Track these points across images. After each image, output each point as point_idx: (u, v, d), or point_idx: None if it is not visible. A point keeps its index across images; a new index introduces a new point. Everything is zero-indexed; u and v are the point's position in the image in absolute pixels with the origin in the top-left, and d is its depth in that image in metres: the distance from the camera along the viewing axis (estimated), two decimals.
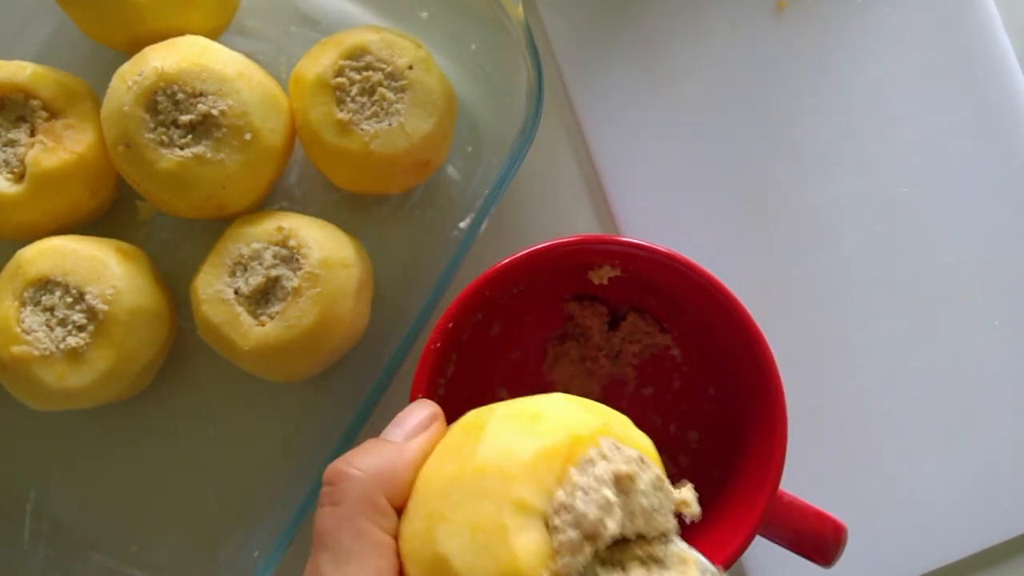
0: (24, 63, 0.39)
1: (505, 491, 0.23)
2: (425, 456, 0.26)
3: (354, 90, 0.38)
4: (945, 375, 0.45)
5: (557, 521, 0.23)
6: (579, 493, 0.23)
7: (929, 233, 0.45)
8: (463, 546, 0.22)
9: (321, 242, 0.38)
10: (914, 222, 0.45)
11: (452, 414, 0.41)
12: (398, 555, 0.24)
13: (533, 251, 0.36)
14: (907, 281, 0.45)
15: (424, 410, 0.28)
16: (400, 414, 0.27)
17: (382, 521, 0.24)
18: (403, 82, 0.38)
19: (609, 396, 0.43)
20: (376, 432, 0.40)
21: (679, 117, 0.46)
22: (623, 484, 0.24)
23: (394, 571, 0.24)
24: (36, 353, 0.36)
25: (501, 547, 0.22)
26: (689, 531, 0.39)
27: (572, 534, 0.23)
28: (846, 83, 0.46)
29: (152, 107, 0.36)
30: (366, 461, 0.25)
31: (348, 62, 0.38)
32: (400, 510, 0.25)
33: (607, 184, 0.45)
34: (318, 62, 0.38)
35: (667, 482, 0.26)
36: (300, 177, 0.44)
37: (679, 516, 0.27)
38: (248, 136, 0.37)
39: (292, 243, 0.37)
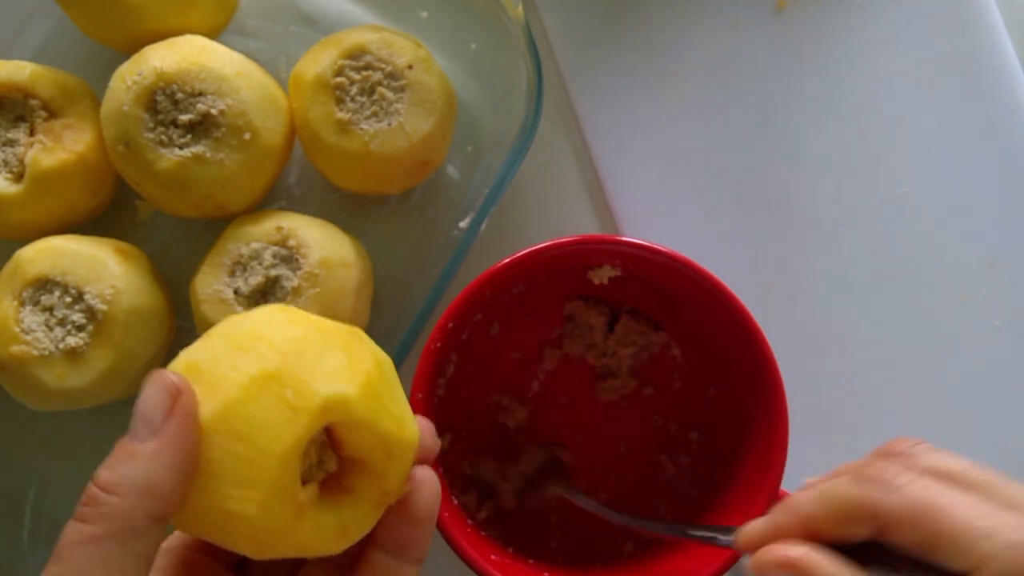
0: (23, 63, 0.39)
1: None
2: (182, 446, 0.24)
3: (354, 90, 0.38)
4: (945, 374, 0.45)
5: None
6: None
7: (929, 233, 0.45)
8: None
9: (320, 242, 0.37)
10: (914, 222, 0.45)
11: (452, 414, 0.41)
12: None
13: (533, 251, 0.36)
14: (907, 280, 0.45)
15: (159, 392, 0.24)
16: (138, 403, 0.24)
17: (136, 544, 0.23)
18: (403, 82, 0.38)
19: None
20: None
21: (679, 117, 0.46)
22: None
23: None
24: (35, 353, 0.36)
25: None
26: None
27: None
28: (846, 83, 0.46)
29: (151, 106, 0.36)
30: (121, 480, 0.23)
31: (348, 62, 0.38)
32: (169, 516, 0.24)
33: (607, 184, 0.45)
34: (318, 62, 0.38)
35: None
36: (299, 177, 0.44)
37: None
38: (247, 136, 0.37)
39: (291, 243, 0.37)
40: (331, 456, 0.27)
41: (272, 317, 0.26)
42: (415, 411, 0.35)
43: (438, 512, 0.28)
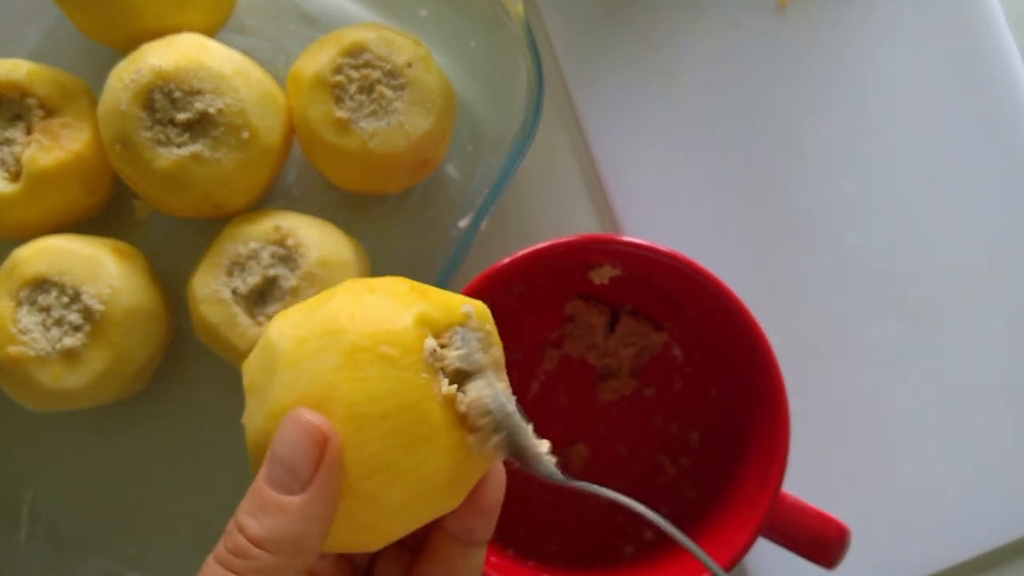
0: (20, 61, 0.39)
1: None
2: (329, 500, 0.23)
3: (353, 88, 0.38)
4: (948, 375, 0.45)
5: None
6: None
7: (932, 232, 0.45)
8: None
9: (319, 241, 0.37)
10: (916, 221, 0.45)
11: None
12: None
13: (533, 251, 0.36)
14: (909, 281, 0.45)
15: (304, 440, 0.22)
16: (279, 447, 0.23)
17: None
18: (402, 80, 0.38)
19: None
20: None
21: (680, 116, 0.45)
22: None
23: None
24: (32, 353, 0.36)
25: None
26: (692, 533, 0.39)
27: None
28: (848, 82, 0.45)
29: (149, 105, 0.36)
30: (273, 536, 0.22)
31: (347, 60, 0.38)
32: (312, 568, 0.24)
33: (607, 183, 0.45)
34: (316, 60, 0.38)
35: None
36: (298, 176, 0.43)
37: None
38: (246, 135, 0.37)
39: (290, 242, 0.37)
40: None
41: (282, 321, 0.25)
42: None
43: (502, 499, 0.28)
